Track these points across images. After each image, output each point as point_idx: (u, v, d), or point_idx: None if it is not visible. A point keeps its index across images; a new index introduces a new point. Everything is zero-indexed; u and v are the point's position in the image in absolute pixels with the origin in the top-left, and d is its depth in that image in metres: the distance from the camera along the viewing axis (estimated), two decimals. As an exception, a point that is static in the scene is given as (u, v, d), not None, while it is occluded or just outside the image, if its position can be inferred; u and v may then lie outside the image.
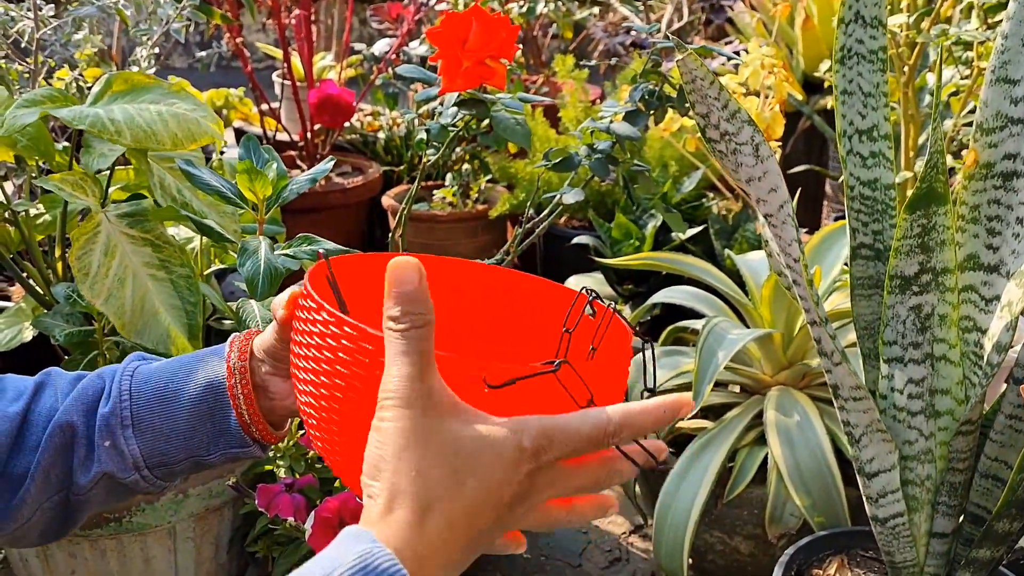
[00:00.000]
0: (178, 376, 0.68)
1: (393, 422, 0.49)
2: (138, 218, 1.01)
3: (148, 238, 1.00)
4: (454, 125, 1.18)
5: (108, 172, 1.10)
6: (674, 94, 1.22)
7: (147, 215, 1.02)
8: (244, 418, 0.67)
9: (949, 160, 1.47)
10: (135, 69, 1.47)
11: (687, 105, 1.19)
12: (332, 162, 1.08)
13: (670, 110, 1.29)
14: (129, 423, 0.67)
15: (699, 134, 1.78)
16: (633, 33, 2.50)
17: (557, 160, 1.24)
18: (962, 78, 1.53)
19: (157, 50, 1.47)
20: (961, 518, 0.92)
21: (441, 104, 1.22)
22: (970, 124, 1.58)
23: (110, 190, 1.10)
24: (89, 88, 1.09)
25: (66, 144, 1.21)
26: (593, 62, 2.07)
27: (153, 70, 1.49)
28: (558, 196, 1.27)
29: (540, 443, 0.50)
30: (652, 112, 1.22)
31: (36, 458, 0.66)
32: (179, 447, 0.68)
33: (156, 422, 0.67)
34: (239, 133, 2.66)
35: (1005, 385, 0.90)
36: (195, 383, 0.68)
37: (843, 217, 1.85)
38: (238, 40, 2.23)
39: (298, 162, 2.35)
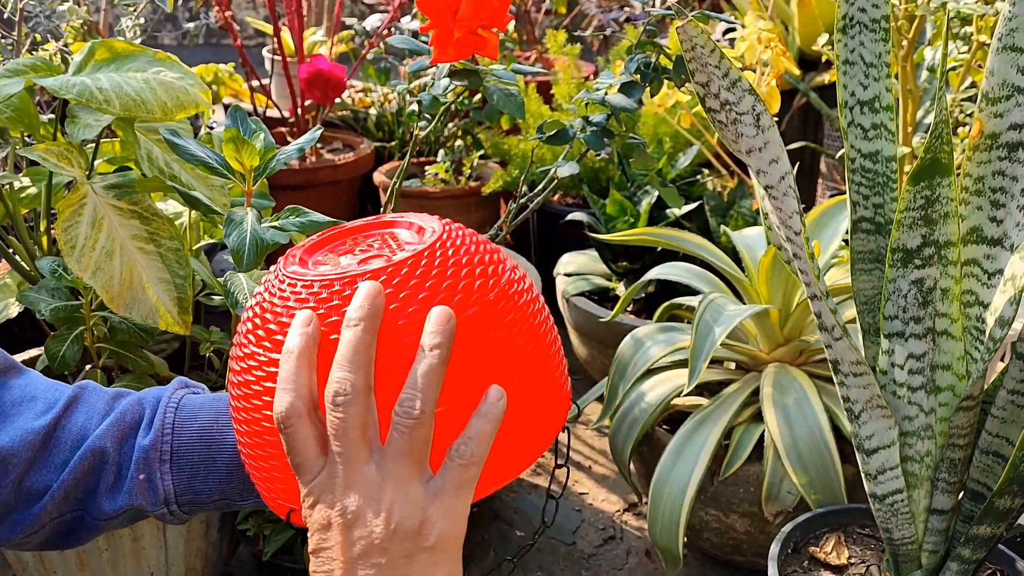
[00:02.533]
0: (224, 416, 0.66)
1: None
2: (125, 190, 0.98)
3: (136, 210, 0.98)
4: (446, 96, 1.16)
5: (94, 144, 1.08)
6: (670, 66, 1.20)
7: (134, 187, 1.00)
8: None
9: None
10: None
11: (685, 75, 1.17)
12: (320, 131, 1.05)
13: (666, 84, 1.27)
14: (168, 458, 0.65)
15: (695, 109, 1.76)
16: (627, 8, 2.47)
17: (552, 133, 1.22)
18: (960, 53, 1.52)
19: (143, 20, 1.44)
20: (961, 495, 0.91)
21: (433, 76, 1.19)
22: (969, 99, 1.56)
23: (96, 162, 1.08)
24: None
25: (51, 116, 1.18)
26: (588, 32, 2.04)
27: (140, 40, 1.46)
28: (553, 169, 1.25)
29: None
30: (648, 84, 1.20)
31: (61, 477, 0.64)
32: (214, 489, 0.66)
33: (195, 461, 0.65)
34: (229, 110, 2.62)
35: (1006, 360, 0.89)
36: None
37: (838, 194, 1.84)
38: (227, 14, 2.20)
39: (288, 138, 2.32)
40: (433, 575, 0.51)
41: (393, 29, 2.37)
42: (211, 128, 1.33)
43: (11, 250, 1.18)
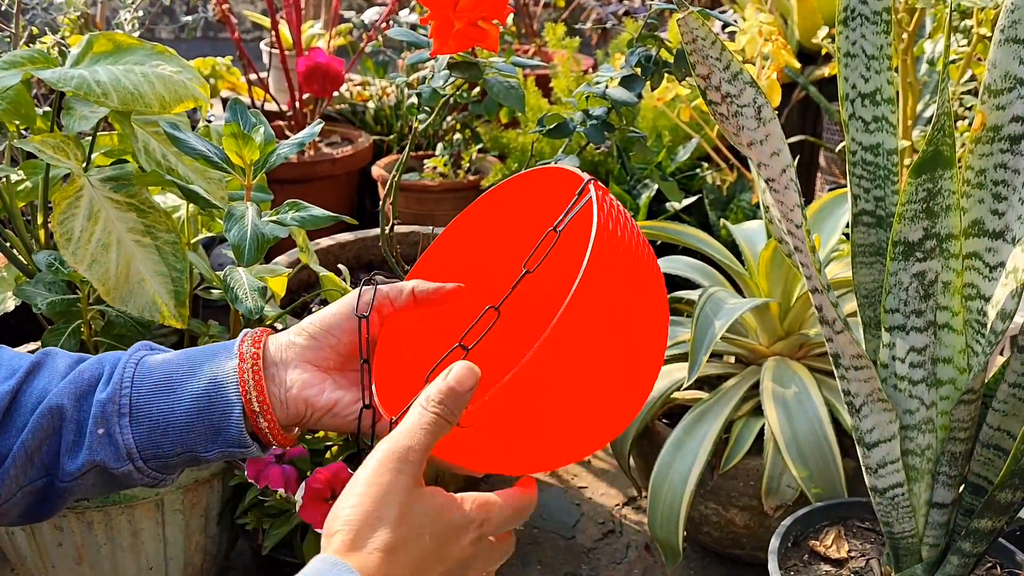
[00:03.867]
0: (183, 368, 0.66)
1: (388, 475, 0.56)
2: (122, 182, 0.98)
3: (133, 203, 0.98)
4: (445, 89, 1.16)
5: (91, 136, 1.08)
6: (671, 59, 1.20)
7: (131, 179, 0.99)
8: (252, 406, 0.66)
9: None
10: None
11: (685, 68, 1.16)
12: (320, 125, 1.05)
13: (666, 77, 1.27)
14: (127, 411, 0.65)
15: (694, 102, 1.76)
16: (626, 2, 2.46)
17: (551, 126, 1.21)
18: (960, 46, 1.51)
19: (141, 13, 1.43)
20: (961, 488, 0.91)
21: (432, 69, 1.19)
22: (968, 93, 1.56)
23: (93, 155, 1.07)
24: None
25: (47, 109, 1.18)
26: (587, 25, 2.04)
27: (137, 34, 1.45)
28: (552, 163, 1.24)
29: (481, 517, 0.60)
30: (648, 77, 1.19)
31: (20, 439, 0.64)
32: (175, 440, 0.65)
33: (153, 412, 0.65)
34: (227, 103, 2.62)
35: (1007, 354, 0.88)
36: (199, 377, 0.66)
37: (837, 188, 1.84)
38: (224, 7, 2.19)
39: (287, 132, 2.31)
40: None
41: (391, 22, 2.36)
42: (209, 122, 1.32)
43: (8, 244, 1.18)
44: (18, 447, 0.64)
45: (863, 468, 0.91)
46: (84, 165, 1.00)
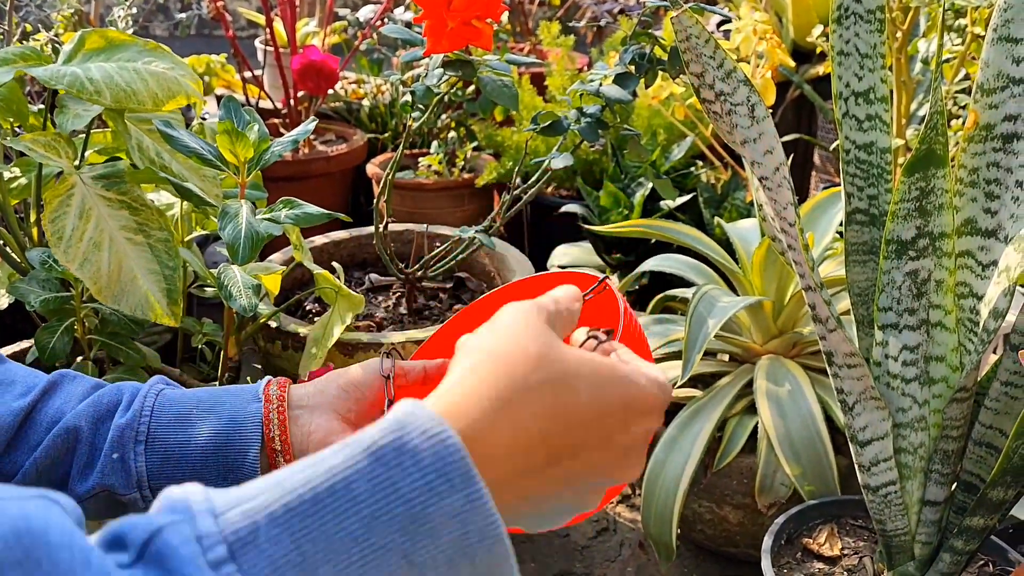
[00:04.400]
0: (205, 404, 0.67)
1: (520, 317, 0.45)
2: (114, 180, 0.98)
3: (125, 200, 0.97)
4: (440, 87, 1.16)
5: (84, 134, 1.07)
6: (665, 57, 1.20)
7: (123, 177, 0.99)
8: (274, 444, 0.66)
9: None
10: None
11: (679, 66, 1.16)
12: (314, 123, 1.05)
13: (660, 75, 1.27)
14: (143, 439, 0.65)
15: (689, 100, 1.76)
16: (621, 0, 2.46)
17: (546, 124, 1.21)
18: (954, 45, 1.51)
19: (135, 10, 1.43)
20: (954, 486, 0.91)
21: (426, 67, 1.19)
22: (962, 92, 1.56)
23: (87, 153, 1.07)
24: (64, 47, 1.06)
25: (40, 107, 1.17)
26: (582, 23, 2.04)
27: (131, 31, 1.45)
28: (546, 161, 1.24)
29: (665, 404, 0.48)
30: (643, 75, 1.19)
31: (34, 456, 0.64)
32: (188, 473, 0.65)
33: (170, 443, 0.65)
34: (222, 100, 2.61)
35: (999, 352, 0.89)
36: (220, 414, 0.66)
37: (831, 187, 1.84)
38: (219, 4, 2.18)
39: (281, 130, 2.31)
40: None
41: (386, 20, 2.35)
42: (203, 119, 1.32)
43: (1, 241, 1.18)
44: (30, 464, 0.64)
45: (856, 466, 0.91)
46: (77, 163, 1.00)
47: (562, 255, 1.77)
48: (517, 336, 0.43)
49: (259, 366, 1.45)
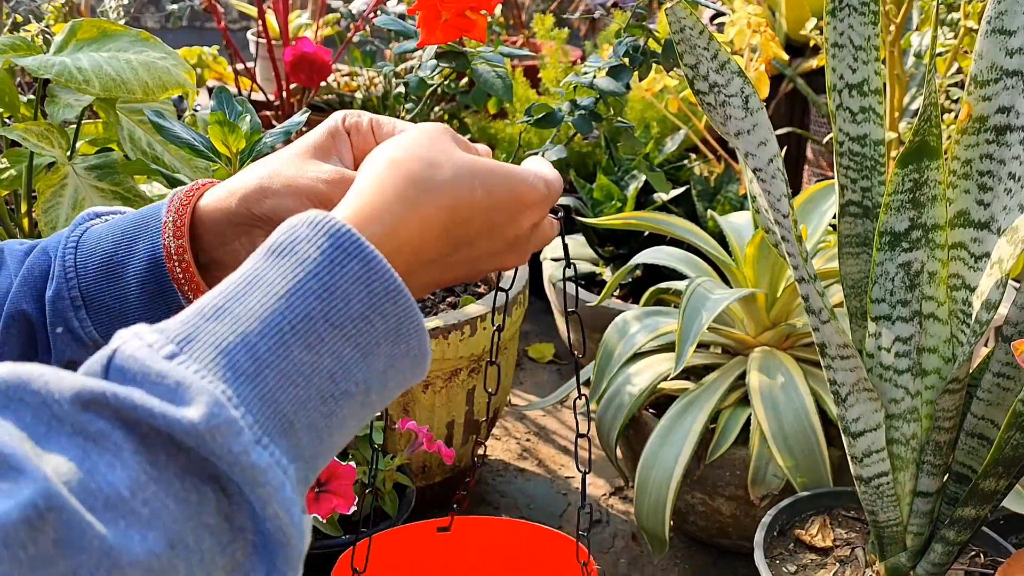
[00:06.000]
0: (122, 247, 0.58)
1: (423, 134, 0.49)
2: (107, 171, 0.97)
3: (118, 191, 0.97)
4: (433, 78, 1.15)
5: (76, 124, 1.07)
6: (659, 49, 1.20)
7: (116, 168, 0.99)
8: (177, 275, 0.57)
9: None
10: (104, 21, 1.42)
11: (673, 59, 1.16)
12: (306, 114, 1.04)
13: (654, 68, 1.26)
14: (80, 304, 0.57)
15: (682, 93, 1.76)
16: (615, -7, 2.46)
17: (539, 116, 1.21)
18: (947, 39, 1.52)
19: (126, 2, 1.42)
20: (946, 477, 0.92)
21: (420, 59, 1.19)
22: (955, 85, 1.57)
23: (78, 144, 1.06)
24: (55, 37, 1.05)
25: (31, 97, 1.17)
26: (576, 15, 2.04)
27: (123, 22, 1.44)
28: (540, 153, 1.24)
29: (550, 199, 0.53)
30: (636, 68, 1.19)
31: None
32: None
33: (108, 301, 0.58)
34: (214, 92, 2.60)
35: (991, 344, 0.89)
36: (138, 257, 0.57)
37: (824, 180, 1.84)
38: (211, -5, 2.17)
39: (273, 122, 2.30)
40: None
41: (379, 11, 2.35)
42: (195, 111, 1.31)
43: (-8, 232, 1.17)
44: None
45: (848, 457, 0.91)
46: (69, 153, 0.99)
47: (555, 247, 1.77)
48: (417, 145, 0.48)
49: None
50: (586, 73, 1.19)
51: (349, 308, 0.38)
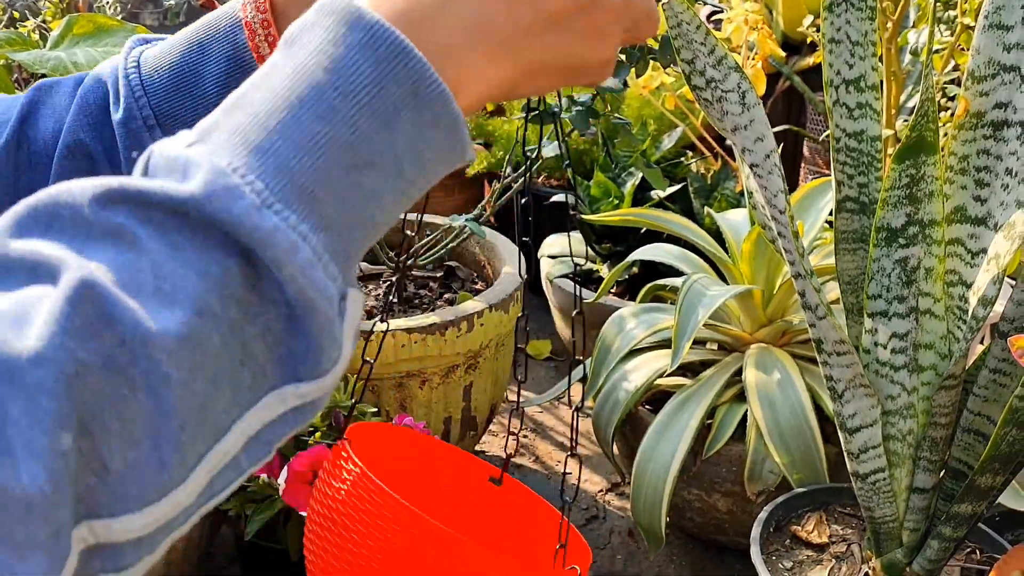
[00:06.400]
0: (193, 54, 0.57)
1: None
2: (103, 166, 0.97)
3: (114, 187, 0.97)
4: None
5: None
6: (656, 46, 1.20)
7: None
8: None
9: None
10: (100, 16, 1.41)
11: (671, 55, 1.16)
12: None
13: (651, 65, 1.26)
14: (154, 122, 0.57)
15: (679, 90, 1.76)
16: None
17: (536, 112, 1.21)
18: (943, 36, 1.52)
19: (123, -4, 1.42)
20: (942, 473, 0.92)
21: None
22: (952, 83, 1.57)
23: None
24: (51, 32, 1.05)
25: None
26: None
27: (120, 17, 1.44)
28: (537, 149, 1.24)
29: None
30: (634, 64, 1.19)
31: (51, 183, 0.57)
32: None
33: (184, 114, 0.57)
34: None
35: (987, 341, 0.89)
36: (215, 59, 0.57)
37: (820, 178, 1.84)
38: (208, -9, 2.17)
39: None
40: None
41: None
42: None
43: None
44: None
45: (845, 454, 0.91)
46: (64, 148, 0.99)
47: (552, 244, 1.77)
48: None
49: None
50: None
51: (359, 76, 0.36)
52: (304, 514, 1.03)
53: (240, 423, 0.34)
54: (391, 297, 1.41)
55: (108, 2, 1.50)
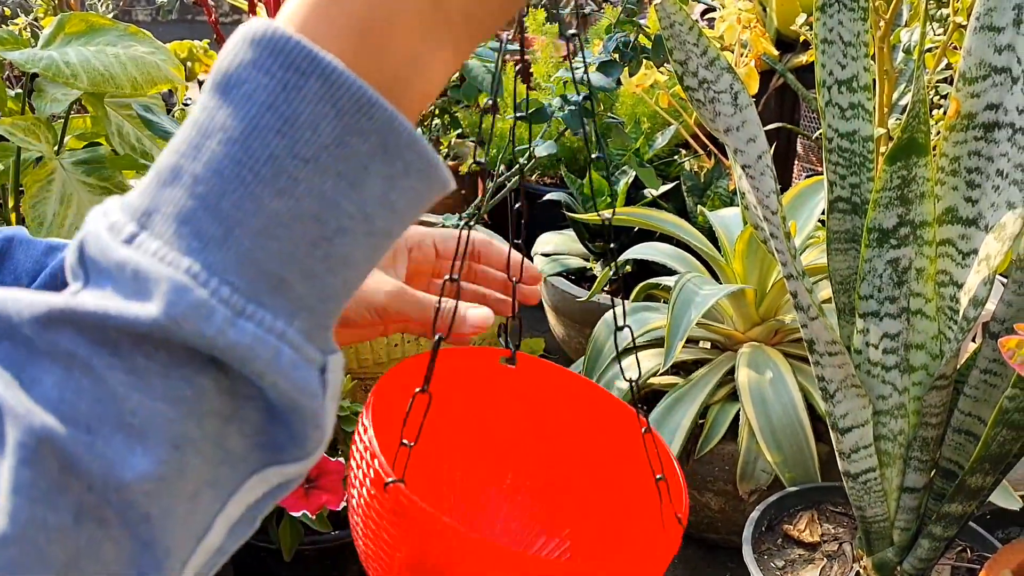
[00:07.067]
0: None
1: None
2: (95, 165, 0.97)
3: (106, 186, 0.96)
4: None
5: (63, 119, 1.06)
6: (649, 45, 1.20)
7: (104, 163, 0.98)
8: None
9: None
10: (92, 14, 1.41)
11: (664, 54, 1.16)
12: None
13: (644, 63, 1.26)
14: None
15: (672, 88, 1.76)
16: (606, -13, 2.46)
17: (530, 111, 1.21)
18: (936, 35, 1.52)
19: (115, -6, 1.41)
20: (933, 473, 0.92)
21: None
22: (944, 81, 1.57)
23: (66, 138, 1.06)
24: (42, 31, 1.04)
25: (19, 92, 1.16)
26: (566, 11, 2.04)
27: (112, 15, 1.44)
28: (531, 148, 1.24)
29: None
30: (627, 63, 1.19)
31: None
32: None
33: None
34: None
35: (979, 341, 0.89)
36: None
37: (814, 175, 1.84)
38: (200, -12, 2.16)
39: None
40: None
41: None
42: (186, 105, 1.31)
43: (-21, 227, 1.16)
44: None
45: (836, 453, 0.92)
46: (56, 148, 0.99)
47: (546, 242, 1.77)
48: None
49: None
50: (577, 68, 1.19)
51: (320, 136, 0.32)
52: (295, 515, 1.03)
53: (222, 515, 0.32)
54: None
55: (100, 0, 1.49)
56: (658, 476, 0.58)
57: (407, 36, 0.34)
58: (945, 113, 0.86)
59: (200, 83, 2.58)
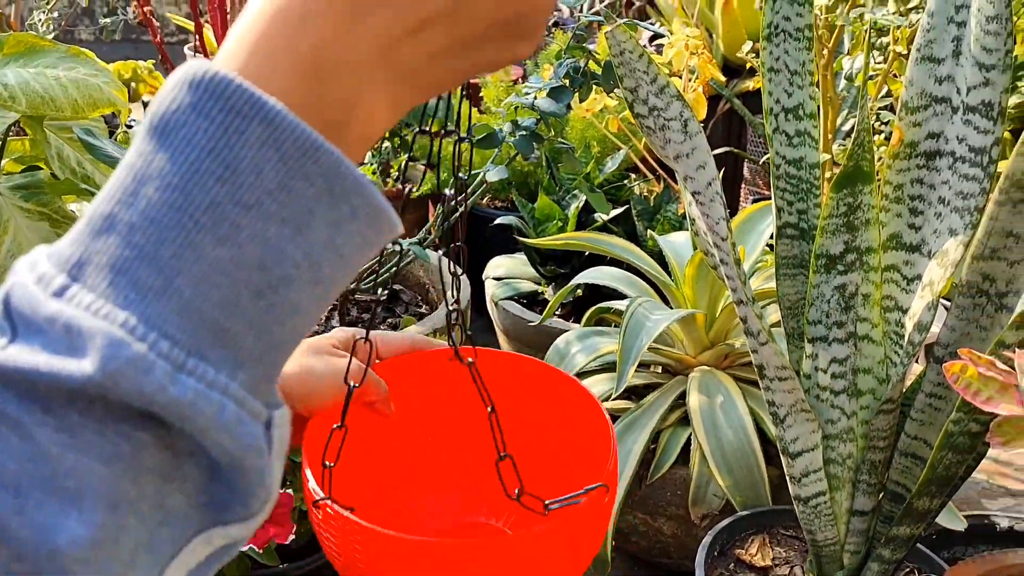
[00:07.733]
0: None
1: None
2: (33, 191, 0.94)
3: (45, 212, 0.94)
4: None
5: (1, 142, 1.03)
6: (599, 71, 1.21)
7: (43, 188, 0.95)
8: None
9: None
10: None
11: (614, 80, 1.17)
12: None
13: (594, 89, 1.27)
14: None
15: (622, 113, 1.77)
16: (556, 12, 2.47)
17: (481, 137, 1.21)
18: (877, 63, 1.55)
19: (56, 14, 1.39)
20: (881, 496, 0.93)
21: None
22: (885, 108, 1.60)
23: (2, 162, 1.03)
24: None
25: (-45, 112, 1.13)
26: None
27: (53, 35, 1.41)
28: (481, 174, 1.24)
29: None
30: (577, 89, 1.20)
31: None
32: None
33: None
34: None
35: (923, 365, 0.91)
36: None
37: (761, 199, 1.87)
38: (146, 9, 2.13)
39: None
40: None
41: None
42: (129, 127, 1.28)
43: (-89, 253, 1.13)
44: None
45: (787, 477, 0.92)
46: (-7, 172, 0.96)
47: (497, 266, 1.76)
48: None
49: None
50: (527, 94, 1.19)
51: (263, 181, 0.30)
52: (242, 548, 1.00)
53: None
54: (332, 322, 1.40)
55: (42, 19, 1.46)
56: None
57: (351, 81, 0.33)
58: (887, 139, 0.87)
59: (145, 104, 2.54)
